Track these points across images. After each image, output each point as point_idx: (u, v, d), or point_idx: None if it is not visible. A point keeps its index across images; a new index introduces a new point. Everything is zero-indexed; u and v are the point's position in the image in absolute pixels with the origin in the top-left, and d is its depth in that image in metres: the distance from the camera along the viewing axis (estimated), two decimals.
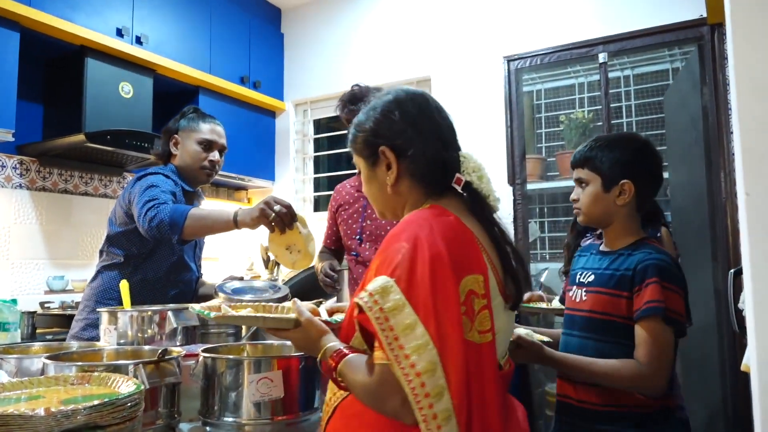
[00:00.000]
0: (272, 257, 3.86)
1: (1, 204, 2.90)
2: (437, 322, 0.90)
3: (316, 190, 4.22)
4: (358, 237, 2.22)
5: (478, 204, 1.09)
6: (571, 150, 3.04)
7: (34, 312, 2.69)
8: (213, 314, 1.15)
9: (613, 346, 1.44)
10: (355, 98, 2.12)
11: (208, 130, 2.20)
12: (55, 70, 3.05)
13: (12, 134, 2.58)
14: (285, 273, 3.75)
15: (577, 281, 1.59)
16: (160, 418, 1.17)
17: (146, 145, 2.98)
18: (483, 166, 1.15)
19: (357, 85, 2.21)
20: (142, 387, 0.96)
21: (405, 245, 0.95)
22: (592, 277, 1.53)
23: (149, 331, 1.53)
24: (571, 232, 2.29)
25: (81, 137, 2.74)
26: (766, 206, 0.43)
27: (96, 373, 1.06)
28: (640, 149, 1.54)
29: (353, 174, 2.50)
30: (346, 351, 1.02)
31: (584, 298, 1.52)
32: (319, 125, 4.26)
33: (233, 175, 3.78)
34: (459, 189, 1.10)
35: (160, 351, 1.17)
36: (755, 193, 0.44)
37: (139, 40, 3.13)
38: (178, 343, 1.56)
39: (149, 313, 1.53)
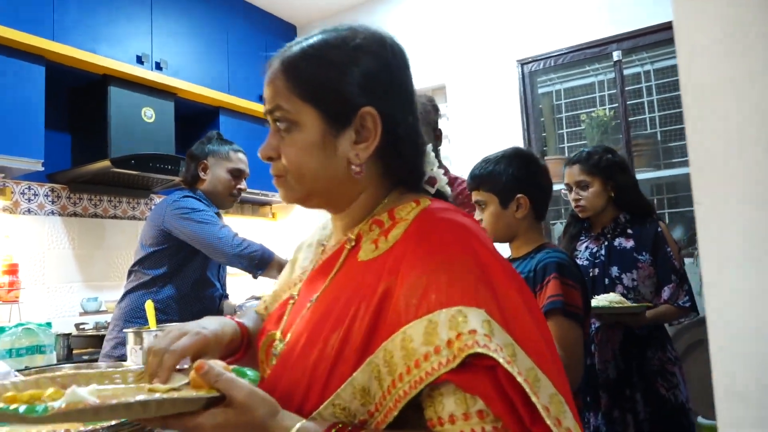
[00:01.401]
0: None
1: (35, 231, 3.01)
2: (552, 365, 0.68)
3: None
4: None
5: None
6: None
7: (69, 334, 2.79)
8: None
9: None
10: None
11: (238, 159, 2.38)
12: (80, 99, 3.17)
13: (41, 164, 2.69)
14: None
15: None
16: None
17: (170, 167, 3.07)
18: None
19: None
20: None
21: (470, 260, 0.71)
22: None
23: None
24: (563, 235, 2.31)
25: (107, 163, 2.84)
26: (715, 214, 0.45)
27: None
28: (527, 163, 1.61)
29: None
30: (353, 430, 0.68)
31: None
32: None
33: (257, 191, 3.85)
34: (432, 190, 0.90)
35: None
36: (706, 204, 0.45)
37: (158, 66, 3.23)
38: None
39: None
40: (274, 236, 4.29)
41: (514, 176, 1.58)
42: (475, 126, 3.49)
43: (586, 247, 2.20)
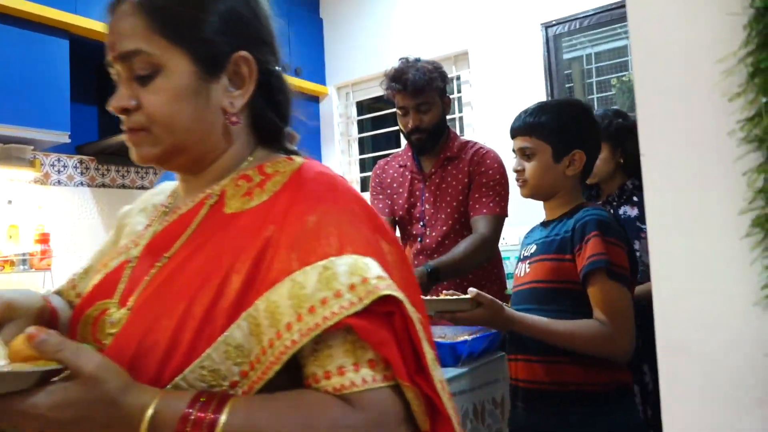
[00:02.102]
0: None
1: (66, 202, 3.11)
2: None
3: (362, 171, 4.28)
4: (422, 224, 2.11)
5: None
6: None
7: None
8: None
9: (557, 315, 1.35)
10: (395, 75, 2.06)
11: None
12: (105, 71, 3.21)
13: (68, 136, 2.75)
14: None
15: (521, 257, 1.54)
16: None
17: None
18: None
19: (405, 58, 2.13)
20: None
21: (358, 211, 0.74)
22: (534, 248, 1.48)
23: None
24: None
25: None
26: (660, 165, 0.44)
27: None
28: (587, 116, 1.47)
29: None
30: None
31: (527, 270, 1.47)
32: (362, 107, 4.30)
33: None
34: (293, 147, 0.87)
35: None
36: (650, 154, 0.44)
37: None
38: None
39: None
40: None
41: (575, 129, 1.43)
42: (498, 92, 3.43)
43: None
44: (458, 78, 3.73)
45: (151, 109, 0.73)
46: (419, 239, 2.12)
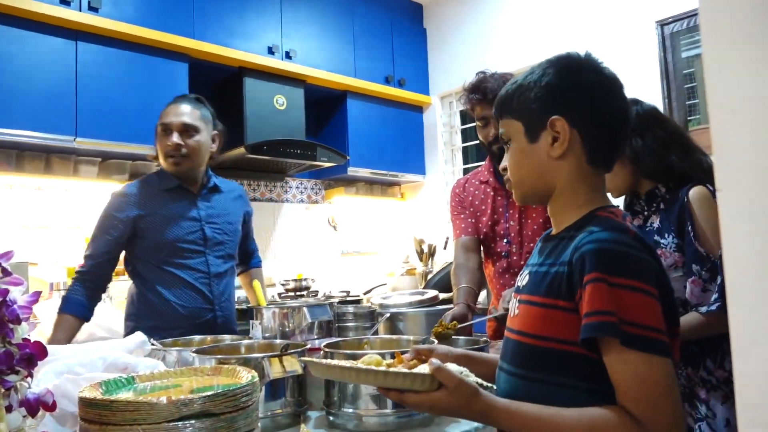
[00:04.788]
0: (425, 250, 3.95)
1: None
2: None
3: None
4: (506, 241, 2.05)
5: None
6: None
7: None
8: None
9: (551, 389, 0.93)
10: (475, 86, 2.02)
11: (165, 113, 2.02)
12: (220, 91, 3.43)
13: None
14: (438, 265, 3.82)
15: (517, 286, 1.10)
16: (288, 406, 1.29)
17: (299, 151, 3.22)
18: None
19: (482, 71, 2.07)
20: (256, 379, 1.07)
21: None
22: (527, 278, 1.04)
23: (288, 325, 1.68)
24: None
25: (242, 150, 3.05)
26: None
27: (226, 366, 1.20)
28: (574, 69, 0.99)
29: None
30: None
31: (517, 312, 1.03)
32: (465, 116, 4.25)
33: (385, 172, 3.93)
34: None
35: (282, 345, 1.29)
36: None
37: (288, 55, 3.39)
38: (315, 336, 1.69)
39: (286, 309, 1.68)
40: (402, 216, 4.36)
41: (546, 86, 0.98)
42: None
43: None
44: None
45: None
46: (505, 256, 2.05)
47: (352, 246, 4.12)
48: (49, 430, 1.01)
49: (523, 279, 1.06)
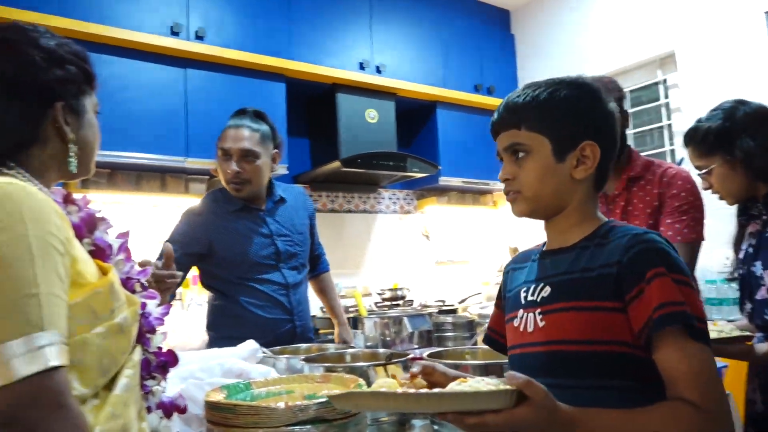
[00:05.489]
0: None
1: None
2: None
3: None
4: None
5: None
6: None
7: (314, 315, 3.17)
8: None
9: (600, 394, 0.95)
10: None
11: (225, 136, 2.02)
12: (314, 107, 3.56)
13: (286, 168, 3.09)
14: None
15: (522, 302, 1.09)
16: (394, 414, 1.33)
17: (392, 163, 3.29)
18: None
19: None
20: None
21: None
22: (548, 290, 1.04)
23: (389, 334, 1.73)
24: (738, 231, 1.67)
25: (337, 164, 3.16)
26: None
27: (335, 374, 1.26)
28: (595, 96, 1.07)
29: None
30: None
31: (541, 323, 1.03)
32: None
33: (476, 180, 3.92)
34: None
35: (387, 355, 1.33)
36: None
37: (378, 70, 3.47)
38: (415, 346, 1.72)
39: (386, 319, 1.72)
40: (495, 224, 4.32)
41: (582, 111, 1.05)
42: (713, 94, 3.08)
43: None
44: (664, 82, 3.44)
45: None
46: None
47: (445, 255, 4.13)
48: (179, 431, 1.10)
49: (538, 291, 1.06)
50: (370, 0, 3.52)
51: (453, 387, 0.81)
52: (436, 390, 0.82)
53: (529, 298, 1.07)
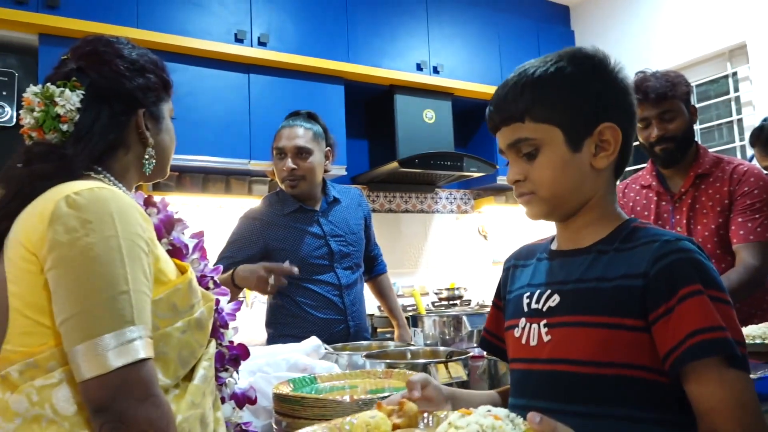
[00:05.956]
0: None
1: None
2: None
3: None
4: None
5: None
6: None
7: (372, 314, 3.22)
8: None
9: (618, 425, 0.82)
10: (635, 86, 1.93)
11: (279, 136, 2.09)
12: (372, 109, 3.61)
13: (345, 169, 3.15)
14: None
15: (525, 309, 0.95)
16: None
17: (449, 163, 3.30)
18: None
19: (641, 71, 1.97)
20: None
21: None
22: (557, 299, 0.91)
23: (448, 333, 1.75)
24: None
25: (395, 164, 3.19)
26: None
27: (397, 370, 1.29)
28: (605, 69, 0.92)
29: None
30: None
31: (546, 338, 0.90)
32: None
33: None
34: None
35: (447, 353, 1.35)
36: None
37: (436, 70, 3.49)
38: (474, 345, 1.74)
39: (445, 318, 1.74)
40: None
41: (594, 90, 0.90)
42: None
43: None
44: (734, 75, 3.31)
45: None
46: None
47: (502, 255, 4.09)
48: (251, 422, 1.16)
49: (545, 299, 0.92)
50: (426, 1, 3.54)
51: (455, 421, 0.65)
52: None
53: (533, 305, 0.94)
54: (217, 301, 1.04)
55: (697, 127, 3.42)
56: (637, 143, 2.13)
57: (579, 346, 0.85)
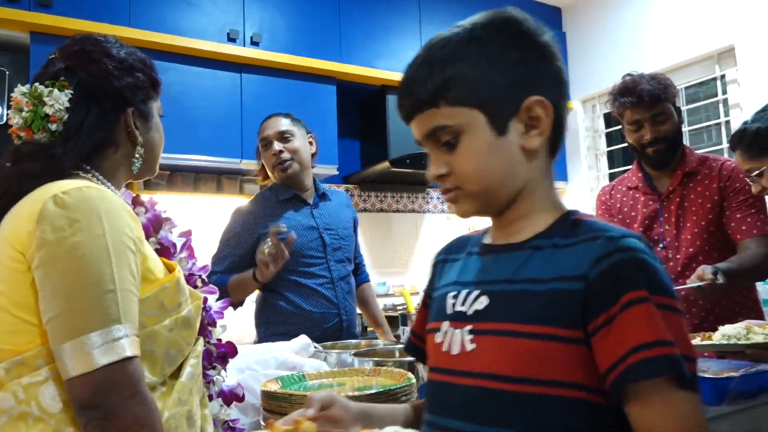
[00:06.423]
0: None
1: None
2: None
3: None
4: (662, 246, 1.98)
5: None
6: None
7: (362, 313, 3.23)
8: None
9: None
10: (626, 90, 1.99)
11: (262, 129, 2.18)
12: (364, 109, 3.62)
13: (336, 168, 3.16)
14: None
15: (448, 311, 0.82)
16: None
17: None
18: None
19: (629, 74, 2.01)
20: (413, 380, 1.16)
21: None
22: (485, 301, 0.78)
23: None
24: None
25: (386, 164, 3.21)
26: None
27: (385, 368, 1.30)
28: (525, 32, 0.79)
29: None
30: None
31: (470, 346, 0.76)
32: (610, 119, 4.09)
33: None
34: None
35: None
36: None
37: None
38: None
39: None
40: None
41: (516, 60, 0.77)
42: None
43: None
44: (722, 77, 3.34)
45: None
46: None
47: None
48: (239, 419, 1.17)
49: (471, 301, 0.79)
50: (419, 2, 3.56)
51: None
52: None
53: (459, 307, 0.80)
54: (205, 300, 1.05)
55: (685, 128, 3.45)
56: (626, 145, 2.16)
57: (505, 359, 0.72)
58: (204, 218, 3.06)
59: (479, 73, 0.76)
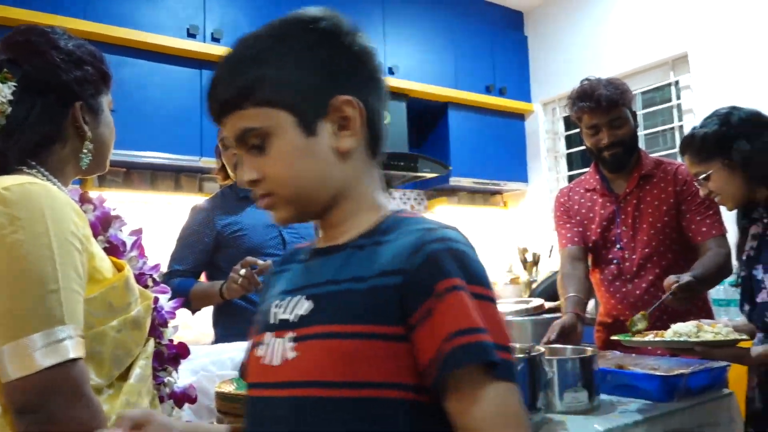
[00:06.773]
0: (529, 259, 3.91)
1: None
2: None
3: None
4: (618, 246, 2.02)
5: None
6: None
7: None
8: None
9: None
10: (584, 94, 2.03)
11: (220, 130, 2.07)
12: None
13: None
14: (543, 274, 3.77)
15: (270, 322, 0.77)
16: None
17: (403, 164, 3.32)
18: None
19: (586, 79, 2.06)
20: None
21: None
22: (308, 305, 0.73)
23: None
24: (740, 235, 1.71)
25: None
26: None
27: None
28: (330, 29, 0.78)
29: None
30: None
31: (291, 355, 0.71)
32: (569, 122, 4.17)
33: (487, 181, 3.94)
34: None
35: None
36: None
37: (391, 72, 3.50)
38: None
39: None
40: (505, 225, 4.34)
41: (320, 55, 0.76)
42: (726, 96, 3.07)
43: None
44: (676, 84, 3.44)
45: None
46: (616, 263, 2.02)
47: None
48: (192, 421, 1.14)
49: (294, 307, 0.74)
50: (383, 2, 3.56)
51: None
52: None
53: (282, 315, 0.75)
54: (156, 299, 1.03)
55: (641, 132, 3.54)
56: (584, 148, 2.21)
57: (327, 364, 0.68)
58: (162, 216, 3.00)
59: (285, 73, 0.74)
